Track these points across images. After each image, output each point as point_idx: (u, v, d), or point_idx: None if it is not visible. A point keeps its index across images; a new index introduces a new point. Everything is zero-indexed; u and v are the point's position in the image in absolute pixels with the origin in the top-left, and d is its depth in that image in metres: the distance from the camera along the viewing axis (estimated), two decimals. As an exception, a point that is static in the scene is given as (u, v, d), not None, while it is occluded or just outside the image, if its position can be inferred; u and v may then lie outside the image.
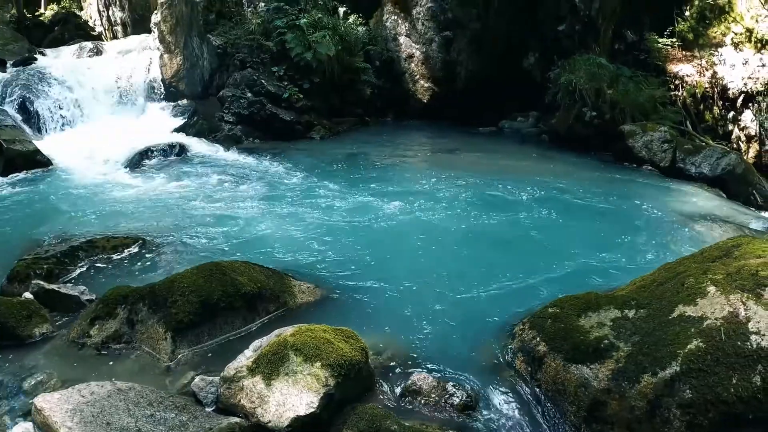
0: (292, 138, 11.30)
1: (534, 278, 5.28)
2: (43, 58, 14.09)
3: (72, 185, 8.51)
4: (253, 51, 12.11)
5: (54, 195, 8.01)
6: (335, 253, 5.79)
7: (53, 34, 19.37)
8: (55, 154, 10.02)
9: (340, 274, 5.28)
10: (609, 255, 5.98)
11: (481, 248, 6.18)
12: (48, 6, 21.82)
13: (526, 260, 5.82)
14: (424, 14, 12.77)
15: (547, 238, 6.48)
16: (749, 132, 11.54)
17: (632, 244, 6.48)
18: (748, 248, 3.93)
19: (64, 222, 6.71)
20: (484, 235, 6.52)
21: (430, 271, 5.48)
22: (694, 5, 12.39)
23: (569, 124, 11.42)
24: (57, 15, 20.59)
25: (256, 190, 8.02)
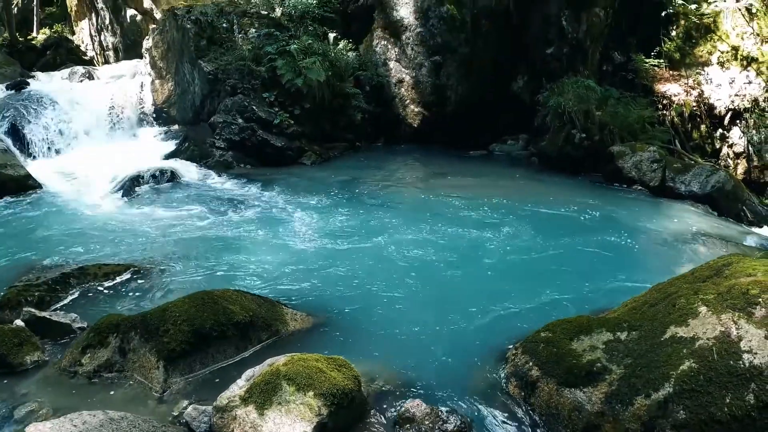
0: (283, 164, 11.29)
1: (526, 302, 5.28)
2: (36, 83, 14.05)
3: (63, 210, 8.49)
4: (244, 77, 12.15)
5: (45, 220, 7.99)
6: (327, 281, 5.78)
7: (45, 58, 19.45)
8: (46, 178, 10.01)
9: (332, 301, 5.27)
10: (601, 276, 5.99)
11: (472, 273, 6.17)
12: (40, 30, 21.96)
13: (517, 284, 5.82)
14: (414, 39, 12.87)
15: (538, 261, 6.49)
16: (737, 149, 11.64)
17: (624, 264, 6.50)
18: (738, 267, 3.95)
19: (55, 248, 6.68)
20: (475, 260, 6.53)
21: (422, 296, 5.49)
22: (680, 25, 12.53)
23: (559, 147, 11.49)
24: (49, 39, 20.69)
25: (248, 217, 8.00)
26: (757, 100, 11.46)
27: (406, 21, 12.89)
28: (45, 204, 8.88)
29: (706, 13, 12.06)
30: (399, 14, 12.97)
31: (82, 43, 21.81)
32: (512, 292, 5.54)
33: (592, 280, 5.90)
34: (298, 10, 13.15)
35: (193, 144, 11.73)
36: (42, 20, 22.78)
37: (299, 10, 13.15)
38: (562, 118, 11.52)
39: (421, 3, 12.71)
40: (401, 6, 12.94)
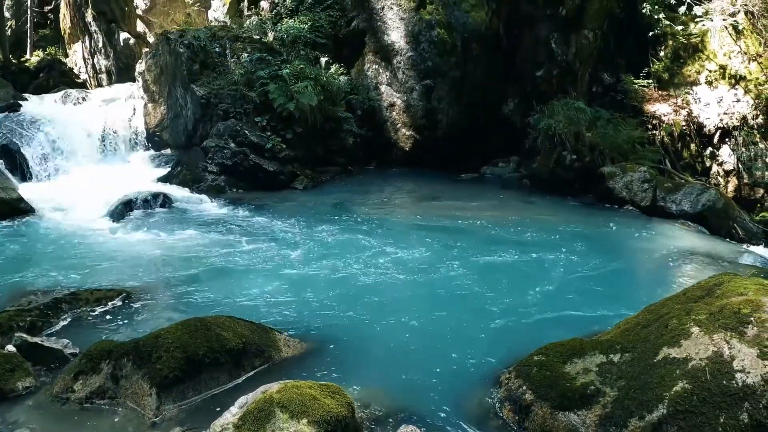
0: (275, 188, 11.30)
1: (518, 324, 5.29)
2: (28, 105, 14.05)
3: (55, 234, 8.46)
4: (236, 101, 12.19)
5: (37, 244, 7.97)
6: (320, 306, 5.77)
7: (38, 80, 19.52)
8: (38, 201, 9.98)
9: (325, 327, 5.26)
10: (593, 297, 6.00)
11: (465, 296, 6.17)
12: (34, 52, 22.03)
13: (510, 306, 5.82)
14: (405, 63, 12.96)
15: (530, 283, 6.49)
16: (727, 167, 11.72)
17: (616, 285, 6.52)
18: (729, 286, 3.96)
19: (47, 272, 6.66)
20: (468, 283, 6.51)
21: (415, 321, 5.47)
22: (668, 45, 12.66)
23: (550, 168, 11.56)
24: (42, 61, 20.79)
25: (240, 242, 7.96)
26: (746, 118, 11.57)
27: (397, 45, 12.99)
28: (37, 228, 8.86)
29: (694, 32, 12.20)
30: (390, 38, 13.07)
31: (75, 66, 21.91)
32: (505, 314, 5.54)
33: (584, 301, 5.91)
34: (290, 34, 13.25)
35: (185, 168, 11.73)
36: (35, 42, 22.91)
37: (291, 34, 13.24)
38: (552, 140, 11.61)
39: (411, 27, 12.82)
40: (392, 30, 13.04)
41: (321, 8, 13.63)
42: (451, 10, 12.65)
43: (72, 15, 21.66)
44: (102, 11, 20.34)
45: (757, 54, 11.70)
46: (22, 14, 23.57)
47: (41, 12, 24.28)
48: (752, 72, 11.68)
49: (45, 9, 24.55)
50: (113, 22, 20.22)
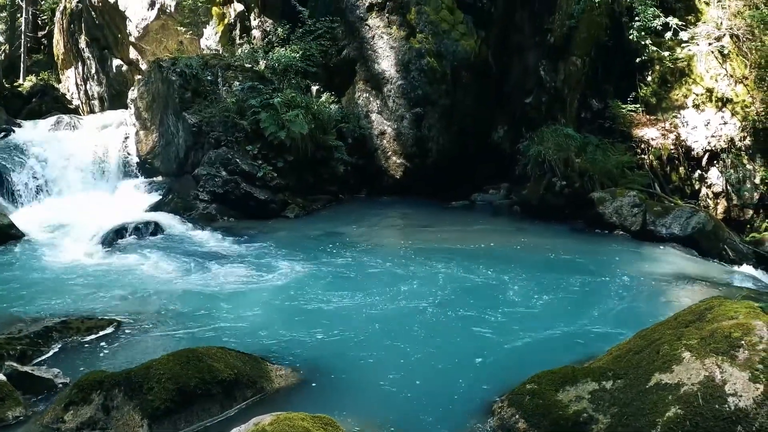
0: (266, 216, 11.29)
1: (511, 352, 5.28)
2: (20, 130, 14.05)
3: (46, 261, 8.45)
4: (227, 129, 12.23)
5: (27, 271, 7.95)
6: (312, 336, 5.75)
7: (31, 105, 19.61)
8: (29, 227, 9.99)
9: (317, 357, 5.24)
10: (585, 324, 6.00)
11: (457, 324, 6.17)
12: (27, 77, 22.08)
13: (502, 334, 5.81)
14: (395, 92, 13.05)
15: (522, 310, 6.50)
16: (716, 189, 11.77)
17: (608, 311, 6.52)
18: (720, 310, 3.99)
19: (38, 300, 6.64)
20: (459, 311, 6.51)
21: (407, 350, 5.46)
22: (655, 70, 12.78)
23: (540, 195, 11.62)
24: (35, 87, 20.88)
25: (231, 272, 7.95)
26: (734, 140, 11.65)
27: (387, 74, 13.10)
28: (28, 254, 8.86)
29: (680, 57, 12.32)
30: (380, 67, 13.18)
31: (68, 92, 22.00)
32: (497, 342, 5.53)
33: (577, 326, 5.91)
34: (282, 63, 13.33)
35: (176, 196, 11.73)
36: (29, 67, 22.98)
37: (282, 63, 13.33)
38: (542, 167, 11.68)
39: (401, 56, 12.94)
40: (382, 59, 13.17)
41: (312, 37, 13.74)
42: (440, 39, 12.79)
43: (65, 41, 21.80)
44: (95, 38, 20.46)
45: (743, 76, 11.83)
46: (16, 39, 23.72)
47: (35, 37, 24.41)
48: (739, 94, 11.80)
49: (39, 34, 24.69)
50: (106, 48, 20.34)
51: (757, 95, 11.61)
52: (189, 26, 16.39)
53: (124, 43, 19.32)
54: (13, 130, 13.74)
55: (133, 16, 18.06)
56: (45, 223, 10.38)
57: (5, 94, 19.51)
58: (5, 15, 24.63)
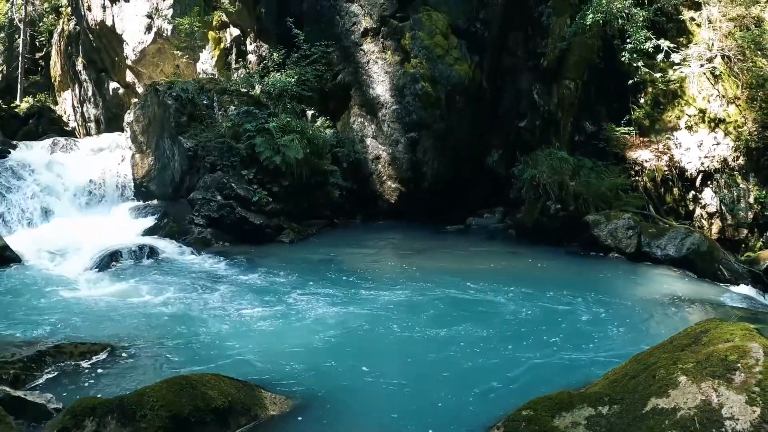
0: (262, 241, 11.29)
1: (508, 377, 5.25)
2: (17, 151, 14.09)
3: (41, 284, 8.41)
4: (223, 154, 12.26)
5: (22, 294, 7.91)
6: (306, 362, 5.71)
7: (28, 126, 19.68)
8: (24, 250, 9.98)
9: (311, 383, 5.20)
10: (581, 348, 5.98)
11: (452, 350, 6.13)
12: (24, 98, 22.15)
13: (498, 359, 5.79)
14: (390, 116, 13.11)
15: (518, 335, 6.48)
16: (710, 209, 11.82)
17: (604, 335, 6.50)
18: (716, 333, 3.98)
19: (32, 323, 6.62)
20: (455, 338, 6.48)
21: (402, 375, 5.43)
22: (647, 92, 12.89)
23: (535, 218, 11.66)
24: (32, 108, 20.94)
25: (226, 297, 7.93)
26: (727, 160, 11.73)
27: (382, 99, 13.17)
28: (22, 277, 8.83)
29: (672, 79, 12.44)
30: (375, 92, 13.26)
31: (65, 114, 22.09)
32: (494, 367, 5.50)
33: (573, 351, 5.89)
34: (277, 88, 13.41)
35: (172, 220, 11.72)
36: (26, 88, 23.05)
37: (278, 88, 13.40)
38: (537, 190, 11.73)
39: (396, 81, 13.03)
40: (377, 84, 13.24)
41: (307, 62, 13.83)
42: (434, 64, 12.87)
43: (62, 63, 21.92)
44: (92, 60, 20.58)
45: (735, 97, 11.93)
46: (14, 60, 23.82)
47: (32, 59, 24.55)
48: (731, 115, 11.89)
49: (36, 56, 24.84)
50: (103, 71, 20.45)
51: (749, 115, 11.71)
52: (185, 50, 16.49)
53: (120, 66, 19.42)
54: (8, 151, 13.74)
55: (130, 39, 18.19)
56: (40, 246, 10.36)
57: (2, 115, 19.57)
58: (3, 36, 24.81)
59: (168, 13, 16.81)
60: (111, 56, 19.65)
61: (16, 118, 20.01)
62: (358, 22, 13.58)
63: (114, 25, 18.55)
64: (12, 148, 14.25)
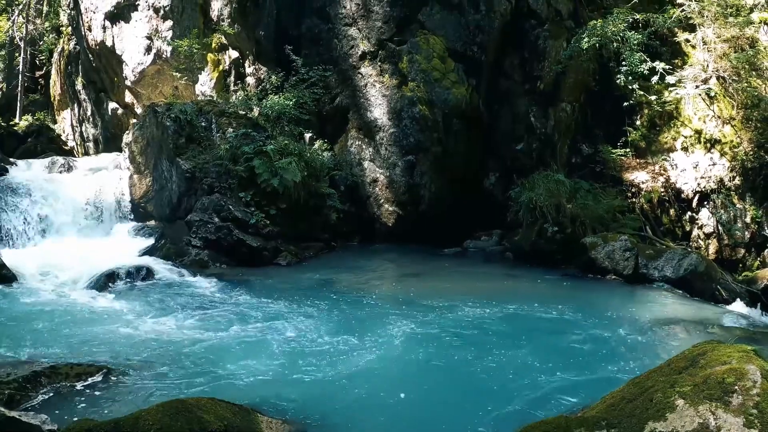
0: (259, 264, 11.24)
1: (504, 403, 5.23)
2: (15, 170, 14.07)
3: (36, 303, 8.37)
4: (221, 176, 12.27)
5: (17, 313, 7.89)
6: (303, 386, 5.69)
7: (26, 145, 19.72)
8: (20, 269, 9.92)
9: (308, 408, 5.17)
10: (579, 372, 5.97)
11: (448, 375, 6.12)
12: (23, 117, 22.20)
13: (495, 383, 5.77)
14: (387, 139, 13.15)
15: (515, 359, 6.46)
16: (707, 229, 11.85)
17: (601, 358, 6.49)
18: (713, 355, 3.98)
19: (27, 343, 6.60)
20: (452, 362, 6.45)
21: (399, 401, 5.41)
22: (643, 114, 12.98)
23: (532, 241, 11.67)
24: (31, 126, 21.01)
25: (223, 319, 7.88)
26: (723, 181, 11.79)
27: (379, 122, 13.22)
28: (18, 296, 8.79)
29: (668, 100, 12.54)
30: (373, 115, 13.31)
31: (63, 133, 22.15)
32: (489, 391, 5.49)
33: (570, 375, 5.87)
34: (275, 110, 13.45)
35: (169, 241, 11.70)
36: (25, 107, 23.08)
37: (276, 110, 13.44)
38: (534, 213, 11.76)
39: (394, 104, 13.09)
40: (375, 107, 13.31)
41: (305, 85, 13.89)
42: (432, 87, 12.93)
43: (62, 82, 22.02)
44: (92, 80, 20.67)
45: (731, 117, 12.02)
46: (14, 78, 23.92)
47: (32, 77, 24.63)
48: (727, 135, 11.97)
49: (36, 74, 24.91)
50: (102, 91, 20.51)
51: (745, 135, 11.80)
52: (184, 72, 16.58)
53: (120, 86, 19.51)
54: (7, 169, 13.72)
55: (130, 60, 18.30)
56: (37, 265, 10.33)
57: (1, 133, 19.65)
58: (3, 54, 24.90)
59: (167, 35, 16.92)
60: (110, 76, 19.75)
61: (15, 137, 20.07)
62: (355, 45, 13.68)
63: (114, 45, 18.67)
64: (10, 166, 14.22)
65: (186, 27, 16.59)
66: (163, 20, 17.16)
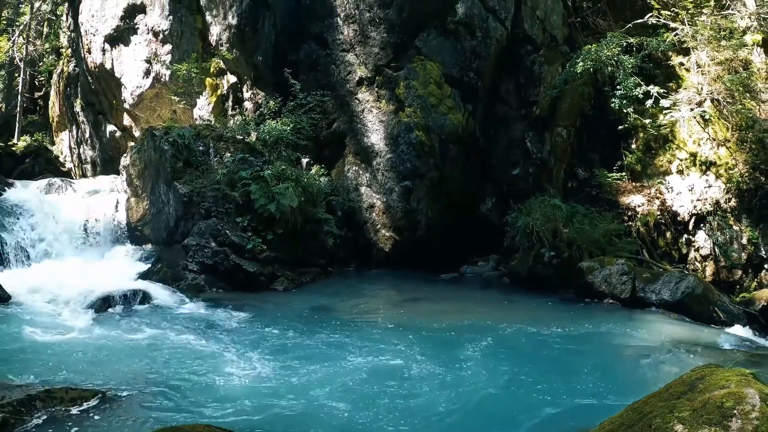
0: (255, 289, 11.20)
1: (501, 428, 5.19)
2: (12, 190, 13.98)
3: (31, 325, 8.30)
4: (218, 200, 12.27)
5: (11, 335, 7.83)
6: (299, 414, 5.66)
7: (23, 165, 19.65)
8: (16, 289, 9.88)
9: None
10: (577, 398, 5.95)
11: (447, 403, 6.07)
12: (21, 137, 22.21)
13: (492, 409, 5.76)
14: (384, 165, 13.17)
15: (511, 386, 6.44)
16: (704, 251, 11.88)
17: (600, 383, 6.46)
18: (711, 380, 3.96)
19: (21, 366, 6.55)
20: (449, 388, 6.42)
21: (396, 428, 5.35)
22: (639, 138, 13.07)
23: (529, 266, 11.67)
24: (29, 147, 20.97)
25: (218, 345, 7.83)
26: (719, 203, 11.84)
27: (376, 147, 13.26)
28: (13, 318, 8.73)
29: (663, 124, 12.63)
30: (370, 141, 13.36)
31: (61, 154, 22.12)
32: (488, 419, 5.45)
33: (568, 401, 5.85)
34: (273, 136, 13.48)
35: (165, 265, 11.64)
36: (23, 127, 23.09)
37: (273, 136, 13.47)
38: (530, 238, 11.77)
39: (391, 130, 13.13)
40: (372, 133, 13.36)
41: (303, 110, 13.94)
42: (428, 113, 12.99)
43: (61, 104, 22.05)
44: (90, 102, 20.70)
45: (726, 139, 12.10)
46: (13, 98, 23.99)
47: (31, 98, 24.71)
48: (722, 157, 12.05)
49: (35, 95, 24.99)
50: (101, 113, 20.52)
51: (740, 157, 11.87)
52: (183, 96, 16.65)
53: (118, 109, 19.56)
54: (3, 189, 13.69)
55: (129, 83, 18.37)
56: (32, 287, 10.27)
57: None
58: (3, 74, 25.04)
59: (166, 59, 17.02)
60: (109, 99, 19.82)
61: (13, 157, 20.02)
62: (353, 71, 13.77)
63: (113, 68, 18.76)
64: (7, 187, 14.18)
65: (185, 51, 16.69)
66: (162, 44, 17.27)
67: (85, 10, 19.49)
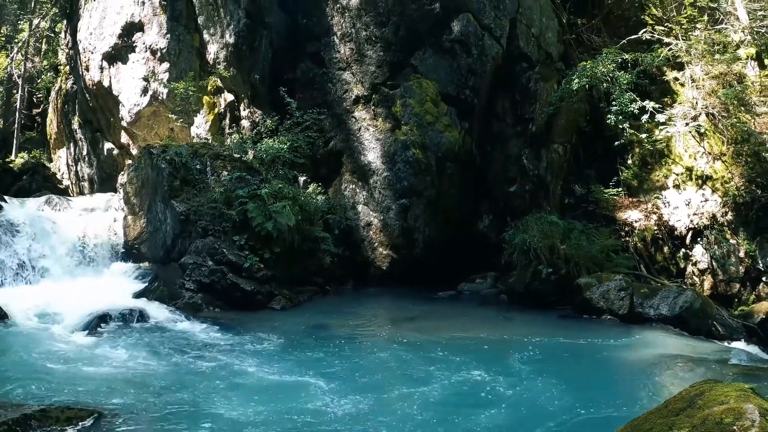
0: (252, 308, 11.13)
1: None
2: (8, 207, 13.88)
3: (26, 344, 8.28)
4: (215, 219, 12.26)
5: (7, 354, 7.80)
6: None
7: (21, 182, 19.66)
8: (11, 308, 9.83)
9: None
10: (576, 415, 5.93)
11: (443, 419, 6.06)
12: (19, 154, 22.21)
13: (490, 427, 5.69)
14: (381, 183, 13.18)
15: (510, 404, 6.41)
16: (702, 266, 11.89)
17: (599, 400, 6.44)
18: (710, 395, 3.95)
19: (17, 384, 6.52)
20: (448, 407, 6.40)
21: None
22: (635, 153, 13.11)
23: (527, 283, 11.64)
24: (26, 164, 20.98)
25: (214, 364, 7.81)
26: (716, 216, 11.87)
27: (373, 165, 13.28)
28: (9, 336, 8.72)
29: (659, 139, 12.68)
30: (367, 159, 13.38)
31: (59, 172, 22.12)
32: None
33: (567, 419, 5.84)
34: (270, 154, 13.49)
35: (162, 284, 11.61)
36: (21, 144, 23.09)
37: (270, 154, 13.48)
38: (528, 255, 11.75)
39: (387, 148, 13.15)
40: (369, 151, 13.38)
41: (300, 129, 13.97)
42: (425, 131, 13.02)
43: (59, 121, 22.09)
44: (88, 120, 20.73)
45: (721, 153, 12.15)
46: (11, 115, 24.04)
47: (29, 115, 24.75)
48: (718, 171, 12.09)
49: (33, 112, 25.05)
50: (98, 131, 20.55)
51: (736, 170, 11.92)
52: (180, 114, 16.68)
53: (116, 127, 19.60)
54: (1, 207, 13.65)
55: (126, 101, 18.42)
56: (28, 305, 10.23)
57: (-4, 169, 19.66)
58: (1, 91, 25.08)
59: (164, 77, 17.09)
60: (107, 117, 19.87)
61: (11, 174, 20.03)
62: (349, 89, 13.83)
63: (111, 86, 18.83)
64: (3, 203, 14.09)
65: (182, 69, 16.76)
66: (159, 62, 17.35)
67: (84, 27, 19.62)
